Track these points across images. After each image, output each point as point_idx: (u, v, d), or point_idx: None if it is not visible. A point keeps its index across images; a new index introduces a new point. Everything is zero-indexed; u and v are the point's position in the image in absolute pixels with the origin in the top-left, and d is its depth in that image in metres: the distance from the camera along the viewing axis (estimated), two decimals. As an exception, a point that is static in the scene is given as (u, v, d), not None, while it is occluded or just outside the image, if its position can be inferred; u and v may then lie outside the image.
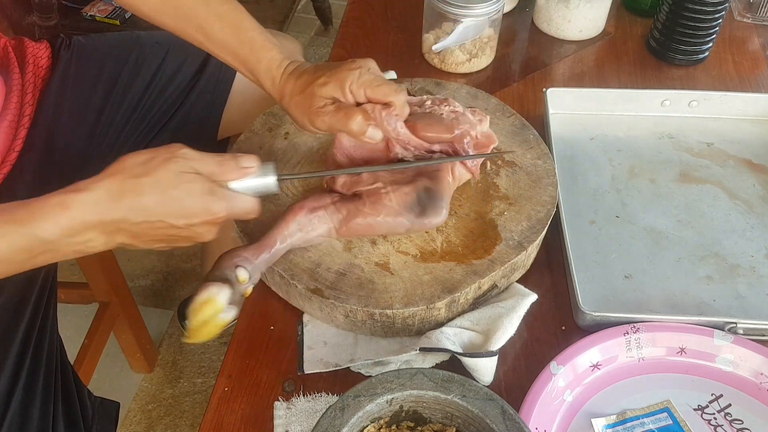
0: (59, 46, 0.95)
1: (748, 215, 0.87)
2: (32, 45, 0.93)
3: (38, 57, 0.93)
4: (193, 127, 1.02)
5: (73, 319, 1.57)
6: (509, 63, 1.10)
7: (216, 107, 1.02)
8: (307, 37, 2.37)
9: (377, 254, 0.74)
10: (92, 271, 1.29)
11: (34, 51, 0.93)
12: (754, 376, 0.70)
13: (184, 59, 1.00)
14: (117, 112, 0.96)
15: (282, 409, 0.68)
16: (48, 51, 0.94)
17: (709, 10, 1.02)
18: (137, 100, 0.97)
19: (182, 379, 1.53)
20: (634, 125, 0.98)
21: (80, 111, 0.94)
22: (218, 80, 1.01)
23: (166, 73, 0.99)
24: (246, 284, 0.65)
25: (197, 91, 1.00)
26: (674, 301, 0.78)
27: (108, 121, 0.96)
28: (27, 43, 0.93)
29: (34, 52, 0.93)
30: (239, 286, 0.64)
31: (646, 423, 0.66)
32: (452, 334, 0.70)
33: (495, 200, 0.79)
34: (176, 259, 1.75)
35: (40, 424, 0.82)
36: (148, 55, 0.99)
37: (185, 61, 1.00)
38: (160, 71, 0.99)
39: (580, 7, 1.09)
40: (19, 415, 0.80)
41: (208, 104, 1.01)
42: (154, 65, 0.98)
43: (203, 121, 1.02)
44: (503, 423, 0.56)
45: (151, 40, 1.01)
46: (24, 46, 0.92)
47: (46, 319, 0.86)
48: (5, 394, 0.78)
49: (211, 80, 1.00)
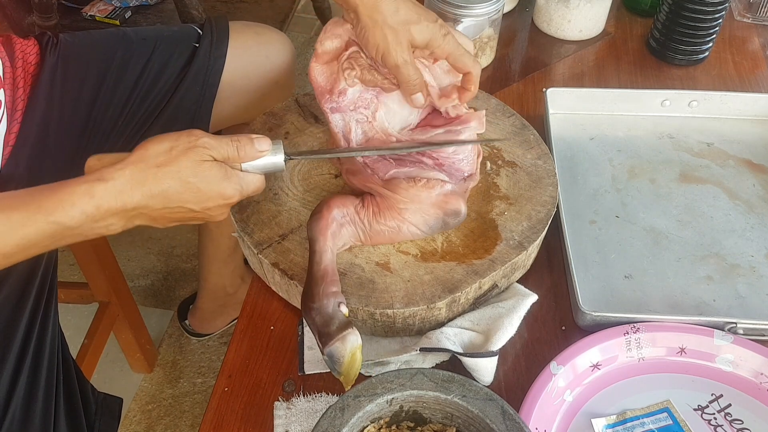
0: (46, 44, 0.96)
1: (748, 215, 0.87)
2: (20, 41, 0.94)
3: (27, 53, 0.93)
4: (184, 120, 1.03)
5: (73, 319, 1.57)
6: (509, 63, 1.10)
7: (206, 100, 1.02)
8: (306, 37, 2.37)
9: (378, 254, 0.74)
10: (92, 271, 1.29)
11: (22, 47, 0.93)
12: (754, 376, 0.70)
13: (172, 53, 1.01)
14: (108, 107, 0.97)
15: (282, 409, 0.68)
16: (36, 47, 0.95)
17: (709, 10, 1.02)
18: (127, 96, 0.98)
19: (182, 379, 1.53)
20: (634, 125, 0.98)
21: (71, 107, 0.94)
22: (207, 73, 1.01)
23: (154, 68, 1.00)
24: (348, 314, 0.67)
25: (186, 85, 1.00)
26: (674, 301, 0.78)
27: (99, 117, 0.96)
28: (15, 39, 0.93)
29: (23, 48, 0.93)
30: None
31: (646, 423, 0.67)
32: (452, 334, 0.70)
33: (495, 200, 0.79)
34: (176, 259, 1.75)
35: (42, 419, 0.82)
36: (135, 51, 0.99)
37: (172, 55, 1.01)
38: (148, 66, 0.99)
39: (580, 7, 1.09)
40: (22, 411, 0.80)
41: (197, 97, 1.02)
42: (141, 61, 0.99)
43: (194, 114, 1.03)
44: (503, 423, 0.56)
45: (137, 36, 1.02)
46: (12, 42, 0.92)
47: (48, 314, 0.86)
48: (7, 389, 0.78)
49: (199, 73, 1.01)
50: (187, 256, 1.75)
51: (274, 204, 0.79)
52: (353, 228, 0.73)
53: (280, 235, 0.76)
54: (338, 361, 0.62)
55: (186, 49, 1.01)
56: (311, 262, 0.69)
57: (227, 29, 1.03)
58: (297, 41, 2.30)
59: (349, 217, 0.73)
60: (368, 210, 0.73)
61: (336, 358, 0.62)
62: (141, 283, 1.71)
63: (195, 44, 1.01)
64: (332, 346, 0.62)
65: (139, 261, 1.75)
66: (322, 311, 0.65)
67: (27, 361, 0.81)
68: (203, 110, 1.02)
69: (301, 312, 0.67)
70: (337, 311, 0.65)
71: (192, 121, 1.03)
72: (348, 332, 0.63)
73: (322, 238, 0.70)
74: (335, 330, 0.63)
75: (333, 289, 0.67)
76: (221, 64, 1.02)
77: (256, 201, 0.79)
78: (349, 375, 0.63)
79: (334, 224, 0.71)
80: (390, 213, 0.73)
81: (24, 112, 0.90)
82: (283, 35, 1.09)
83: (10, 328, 0.80)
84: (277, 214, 0.78)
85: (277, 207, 0.78)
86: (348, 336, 0.62)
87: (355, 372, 0.63)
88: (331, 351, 0.62)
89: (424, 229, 0.74)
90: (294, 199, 0.79)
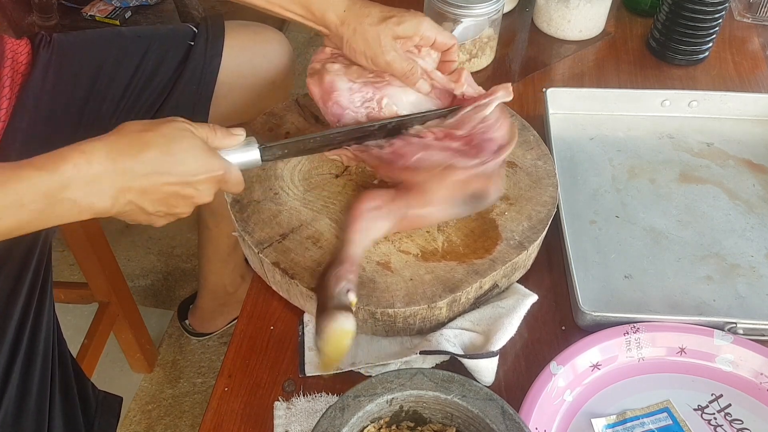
0: (39, 43, 0.96)
1: (748, 215, 0.87)
2: (11, 41, 0.94)
3: (17, 53, 0.93)
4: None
5: (73, 319, 1.57)
6: (509, 63, 1.10)
7: (203, 99, 1.03)
8: (307, 36, 2.36)
9: (378, 253, 0.74)
10: (92, 271, 1.29)
11: (13, 47, 0.93)
12: (754, 376, 0.70)
13: (167, 52, 1.01)
14: (101, 105, 0.97)
15: (282, 409, 0.68)
16: (28, 47, 0.95)
17: (709, 10, 1.02)
18: (121, 93, 0.98)
19: (182, 379, 1.53)
20: (634, 125, 0.98)
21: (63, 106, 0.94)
22: (203, 72, 1.01)
23: (149, 66, 1.00)
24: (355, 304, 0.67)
25: (182, 84, 1.01)
26: (674, 301, 0.78)
27: (93, 115, 0.96)
28: (6, 39, 0.93)
29: (14, 48, 0.93)
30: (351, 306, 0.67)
31: (646, 423, 0.67)
32: (452, 335, 0.70)
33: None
34: (176, 259, 1.75)
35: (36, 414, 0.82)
36: (129, 49, 1.00)
37: (168, 53, 1.01)
38: (142, 64, 0.99)
39: (580, 7, 1.09)
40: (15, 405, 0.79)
41: (194, 96, 1.02)
42: (136, 58, 0.99)
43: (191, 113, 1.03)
44: (503, 423, 0.56)
45: (132, 35, 1.02)
46: (3, 42, 0.93)
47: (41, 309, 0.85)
48: (0, 382, 0.78)
49: (195, 72, 1.01)
50: (187, 256, 1.75)
51: (274, 203, 0.79)
52: (387, 221, 0.73)
53: (280, 235, 0.76)
54: (321, 333, 0.63)
55: (181, 48, 1.01)
56: (339, 247, 0.71)
57: (223, 28, 1.03)
58: (297, 41, 2.30)
59: (384, 209, 0.73)
60: (400, 199, 0.73)
61: (321, 330, 0.63)
62: (141, 283, 1.71)
63: (190, 43, 1.02)
64: (323, 318, 0.63)
65: (139, 261, 1.75)
66: (330, 287, 0.65)
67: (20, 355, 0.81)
68: (200, 109, 1.03)
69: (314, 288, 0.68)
70: (343, 294, 0.65)
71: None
72: (344, 313, 0.63)
73: (350, 229, 0.71)
74: (333, 306, 0.64)
75: (350, 275, 0.67)
76: (217, 62, 1.02)
77: (256, 201, 0.79)
78: (330, 355, 0.63)
79: (366, 218, 0.72)
80: (420, 199, 0.73)
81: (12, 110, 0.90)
82: (281, 35, 1.09)
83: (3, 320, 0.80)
84: (278, 214, 0.78)
85: (278, 206, 0.78)
86: (340, 315, 0.63)
87: (337, 355, 0.63)
88: (320, 323, 0.63)
89: (453, 211, 0.74)
90: (294, 198, 0.79)
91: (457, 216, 0.76)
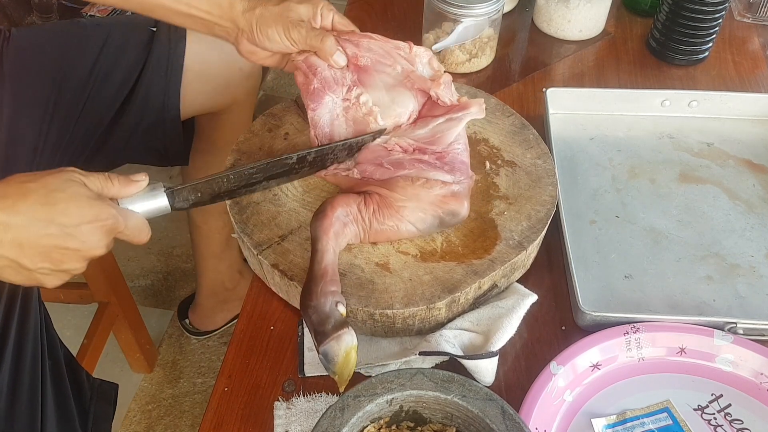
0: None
1: (748, 215, 0.87)
2: None
3: None
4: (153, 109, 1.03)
5: (73, 319, 1.57)
6: (509, 63, 1.10)
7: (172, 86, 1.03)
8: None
9: (377, 254, 0.74)
10: (92, 271, 1.29)
11: None
12: (754, 376, 0.70)
13: (128, 38, 1.01)
14: (65, 96, 0.96)
15: (282, 409, 0.68)
16: None
17: (709, 10, 1.02)
18: (85, 79, 0.98)
19: (182, 379, 1.53)
20: (634, 125, 0.98)
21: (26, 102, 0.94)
22: (169, 58, 1.02)
23: (110, 53, 0.99)
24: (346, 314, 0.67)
25: (150, 71, 1.01)
26: (674, 301, 0.78)
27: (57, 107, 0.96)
28: None
29: None
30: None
31: (646, 423, 0.66)
32: (452, 336, 0.70)
33: (495, 200, 0.79)
34: (176, 259, 1.75)
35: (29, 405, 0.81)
36: (90, 37, 0.99)
37: (129, 39, 1.01)
38: (103, 51, 0.99)
39: (580, 7, 1.09)
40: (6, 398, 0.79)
41: (164, 84, 1.02)
42: (96, 46, 0.99)
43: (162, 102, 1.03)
44: (503, 423, 0.56)
45: (92, 23, 1.03)
46: None
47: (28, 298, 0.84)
48: None
49: (162, 58, 1.01)
50: (187, 256, 1.75)
51: (273, 205, 0.79)
52: (355, 227, 0.73)
53: (279, 236, 0.76)
54: (332, 360, 0.62)
55: (143, 33, 1.02)
56: (312, 260, 0.69)
57: None
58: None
59: (352, 216, 0.73)
60: (369, 208, 0.73)
61: (330, 357, 0.62)
62: (141, 283, 1.71)
63: (152, 28, 1.02)
64: (327, 344, 0.62)
65: (139, 261, 1.75)
66: (319, 309, 0.64)
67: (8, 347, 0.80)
68: (171, 97, 1.03)
69: (300, 311, 0.67)
70: (334, 310, 0.65)
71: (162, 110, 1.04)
72: (343, 332, 0.62)
73: (324, 238, 0.70)
74: (331, 329, 0.63)
75: (332, 288, 0.66)
76: (182, 47, 1.02)
77: (255, 202, 0.79)
78: (343, 374, 0.63)
79: (337, 224, 0.71)
80: (389, 211, 0.73)
81: None
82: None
83: None
84: (277, 215, 0.78)
85: (277, 208, 0.78)
86: (343, 335, 0.62)
87: (349, 372, 0.63)
88: (325, 350, 0.62)
89: (422, 228, 0.74)
90: (293, 200, 0.79)
91: (422, 235, 0.75)
